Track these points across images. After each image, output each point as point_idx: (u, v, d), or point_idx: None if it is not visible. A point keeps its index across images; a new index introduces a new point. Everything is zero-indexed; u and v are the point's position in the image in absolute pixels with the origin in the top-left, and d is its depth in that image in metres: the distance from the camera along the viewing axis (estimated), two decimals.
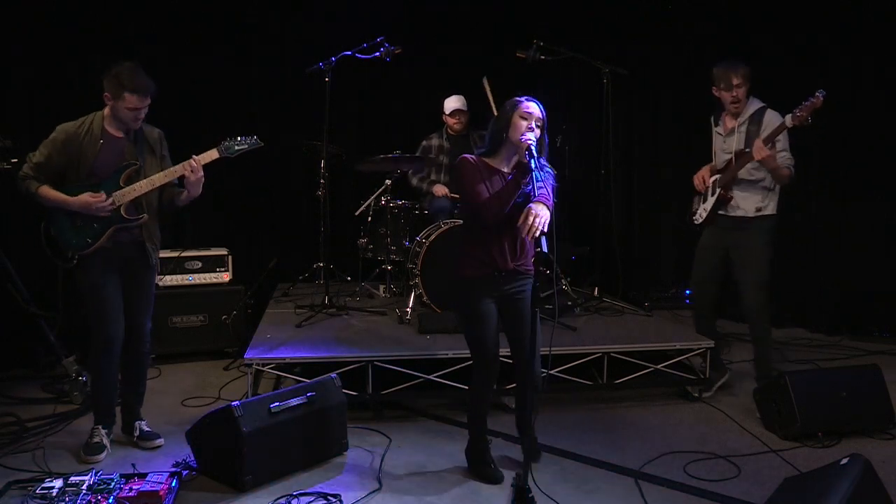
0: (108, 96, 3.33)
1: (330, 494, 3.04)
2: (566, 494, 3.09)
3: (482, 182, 3.04)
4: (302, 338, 4.29)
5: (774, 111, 4.13)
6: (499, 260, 3.07)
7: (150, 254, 3.50)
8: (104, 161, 3.35)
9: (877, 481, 2.59)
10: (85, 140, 3.34)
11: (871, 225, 5.65)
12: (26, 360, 4.74)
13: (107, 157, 3.36)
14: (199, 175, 3.39)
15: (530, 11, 6.24)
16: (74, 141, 3.33)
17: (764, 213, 4.14)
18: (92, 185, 3.33)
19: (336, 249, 5.60)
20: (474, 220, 3.11)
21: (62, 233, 3.35)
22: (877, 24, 5.43)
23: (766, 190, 4.14)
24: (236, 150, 3.53)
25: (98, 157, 3.34)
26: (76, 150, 3.33)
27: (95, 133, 3.35)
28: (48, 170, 3.33)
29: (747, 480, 3.23)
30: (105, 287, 3.40)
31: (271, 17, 5.85)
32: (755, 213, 4.13)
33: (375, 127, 6.19)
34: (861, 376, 3.79)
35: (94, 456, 3.41)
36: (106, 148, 3.36)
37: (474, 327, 3.13)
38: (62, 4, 5.10)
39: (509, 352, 3.28)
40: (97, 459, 3.40)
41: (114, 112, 3.36)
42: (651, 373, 4.19)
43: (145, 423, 3.64)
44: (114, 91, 3.30)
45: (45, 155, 3.33)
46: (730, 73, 4.14)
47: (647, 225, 6.61)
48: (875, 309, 5.64)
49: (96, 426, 3.51)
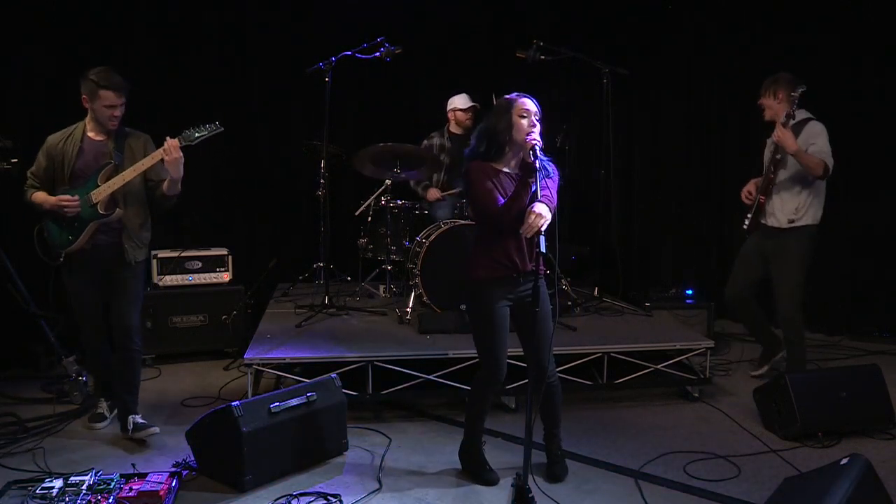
0: (85, 98, 3.51)
1: (330, 494, 3.04)
2: (566, 494, 3.09)
3: (494, 187, 3.01)
4: (302, 338, 4.29)
5: (818, 122, 4.24)
6: (518, 261, 3.05)
7: (127, 252, 3.59)
8: (84, 163, 3.54)
9: (877, 481, 2.59)
10: (67, 145, 3.55)
11: (871, 225, 5.64)
12: (26, 360, 4.75)
13: (87, 160, 3.55)
14: (176, 156, 3.46)
15: (530, 11, 6.24)
16: (55, 147, 3.56)
17: (797, 224, 4.25)
18: (76, 187, 3.52)
19: (336, 249, 5.61)
20: (490, 225, 3.06)
21: (51, 233, 3.57)
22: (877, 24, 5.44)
23: (804, 199, 4.24)
24: (196, 136, 3.57)
25: (78, 159, 3.53)
26: (59, 155, 3.54)
27: (76, 138, 3.57)
28: (40, 176, 3.57)
29: (747, 480, 3.24)
30: (83, 294, 3.64)
31: (271, 16, 5.85)
32: (788, 225, 4.26)
33: (375, 127, 6.19)
34: (861, 376, 3.78)
35: (96, 423, 3.80)
36: (86, 151, 3.55)
37: (486, 331, 3.10)
38: (62, 5, 5.10)
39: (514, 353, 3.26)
40: (98, 427, 3.78)
41: (93, 114, 3.55)
42: (651, 373, 4.19)
43: (139, 416, 3.69)
44: (90, 91, 3.49)
45: (35, 163, 3.59)
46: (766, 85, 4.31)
47: (647, 225, 6.61)
48: (875, 309, 5.64)
49: (100, 398, 3.90)
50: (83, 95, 3.50)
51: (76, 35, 5.13)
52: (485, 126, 3.12)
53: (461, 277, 3.21)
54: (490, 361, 3.13)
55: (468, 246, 4.55)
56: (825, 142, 4.16)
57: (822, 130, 4.18)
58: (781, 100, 4.21)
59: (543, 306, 3.02)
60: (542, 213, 2.79)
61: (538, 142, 2.93)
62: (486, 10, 6.21)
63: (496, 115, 3.06)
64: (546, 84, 5.78)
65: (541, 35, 5.16)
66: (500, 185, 3.03)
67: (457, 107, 5.51)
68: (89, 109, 3.53)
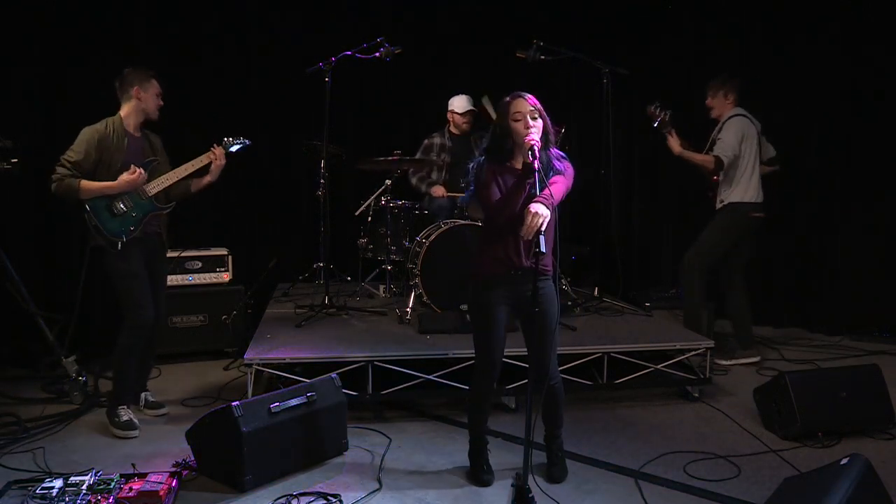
0: (137, 90, 3.71)
1: (330, 494, 3.04)
2: (566, 494, 3.09)
3: (495, 184, 3.02)
4: (302, 338, 4.29)
5: (739, 118, 4.78)
6: (515, 258, 3.05)
7: (165, 244, 3.96)
8: (130, 158, 3.70)
9: (877, 481, 2.59)
10: (114, 139, 3.67)
11: (871, 225, 5.64)
12: (26, 360, 4.75)
13: (132, 155, 3.72)
14: (223, 162, 3.83)
15: (530, 11, 6.24)
16: (105, 140, 3.65)
17: (724, 202, 4.87)
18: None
19: (336, 249, 5.61)
20: (489, 220, 3.10)
21: (105, 223, 3.66)
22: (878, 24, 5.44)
23: (726, 184, 4.87)
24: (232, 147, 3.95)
25: (126, 154, 3.69)
26: (108, 148, 3.65)
27: (120, 133, 3.70)
28: (84, 167, 3.63)
29: (747, 480, 3.23)
30: (140, 275, 3.74)
31: (271, 16, 5.85)
32: (720, 205, 4.91)
33: (375, 127, 6.19)
34: (861, 376, 3.78)
35: (131, 431, 3.68)
36: (130, 146, 3.72)
37: (482, 327, 3.11)
38: (62, 5, 5.10)
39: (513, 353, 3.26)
40: (134, 434, 3.68)
41: (138, 105, 3.73)
42: (651, 373, 4.20)
43: (150, 393, 4.05)
44: (142, 81, 3.72)
45: (81, 153, 3.62)
46: (712, 86, 4.94)
47: (647, 225, 6.61)
48: (875, 309, 5.64)
49: (122, 405, 3.76)
50: (135, 87, 3.69)
51: (76, 35, 5.13)
52: (492, 127, 3.13)
53: (462, 277, 3.21)
54: (483, 359, 3.14)
55: (468, 246, 4.61)
56: (730, 136, 4.75)
57: (733, 125, 4.77)
58: (720, 98, 4.88)
59: (548, 307, 3.02)
60: (539, 212, 2.78)
61: (536, 142, 2.92)
62: (486, 10, 6.21)
63: (498, 117, 3.08)
64: (546, 84, 5.77)
65: (541, 35, 5.17)
66: (504, 182, 3.03)
67: (454, 109, 5.52)
68: (135, 101, 3.71)
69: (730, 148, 4.72)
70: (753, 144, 4.79)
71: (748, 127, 4.79)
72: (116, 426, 3.69)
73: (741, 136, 4.74)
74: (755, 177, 4.81)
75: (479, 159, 3.12)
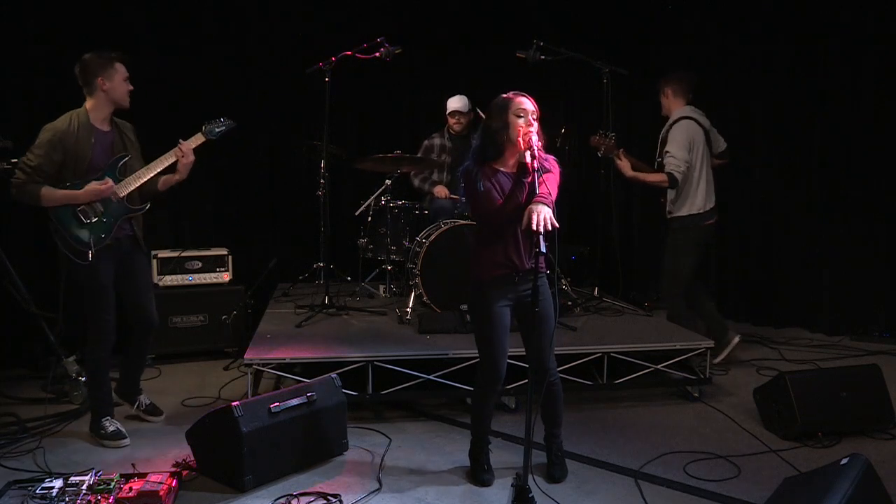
0: (101, 81, 3.40)
1: (330, 494, 3.04)
2: (566, 494, 3.09)
3: (492, 187, 3.00)
4: (302, 338, 4.29)
5: (684, 122, 4.67)
6: (516, 260, 3.05)
7: (141, 241, 3.65)
8: (99, 155, 3.44)
9: (877, 481, 2.59)
10: (79, 136, 3.39)
11: (871, 225, 5.64)
12: (26, 360, 4.75)
13: (101, 151, 3.45)
14: (191, 159, 3.53)
15: (530, 11, 6.24)
16: (68, 138, 3.37)
17: (673, 214, 4.79)
18: (93, 179, 3.42)
19: (336, 249, 5.61)
20: (488, 225, 3.07)
21: (73, 231, 3.40)
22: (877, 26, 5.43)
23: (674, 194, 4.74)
24: (217, 131, 3.67)
25: (93, 151, 3.42)
26: (72, 147, 3.38)
27: (85, 129, 3.41)
28: (47, 171, 3.36)
29: (747, 480, 3.23)
30: (108, 288, 3.53)
31: (271, 16, 5.85)
32: (669, 216, 4.83)
33: (375, 127, 6.20)
34: (861, 376, 3.78)
35: (121, 441, 3.55)
36: (97, 142, 3.44)
37: (485, 331, 3.10)
38: (62, 5, 5.09)
39: (513, 353, 3.25)
40: (125, 443, 3.55)
41: (105, 97, 3.43)
42: (651, 373, 4.19)
43: (145, 396, 3.90)
44: (104, 68, 3.40)
45: (41, 156, 3.35)
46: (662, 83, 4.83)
47: (647, 224, 6.60)
48: (875, 309, 5.64)
49: (105, 417, 3.61)
50: (97, 79, 3.39)
51: (76, 35, 5.12)
52: (483, 125, 3.12)
53: (462, 277, 3.21)
54: (488, 361, 3.13)
55: (468, 246, 4.60)
56: (678, 148, 4.61)
57: (681, 132, 4.64)
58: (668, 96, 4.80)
59: (545, 305, 3.02)
60: (541, 210, 2.77)
61: (535, 141, 2.92)
62: (487, 10, 6.21)
63: (493, 114, 3.05)
64: (546, 84, 5.77)
65: (541, 35, 5.17)
66: (498, 185, 3.02)
67: (449, 109, 5.52)
68: (100, 93, 3.41)
69: (682, 161, 4.60)
70: (701, 149, 4.69)
71: (696, 132, 4.67)
72: (104, 438, 3.56)
73: (689, 144, 4.63)
74: (703, 184, 4.69)
75: (468, 165, 3.08)
